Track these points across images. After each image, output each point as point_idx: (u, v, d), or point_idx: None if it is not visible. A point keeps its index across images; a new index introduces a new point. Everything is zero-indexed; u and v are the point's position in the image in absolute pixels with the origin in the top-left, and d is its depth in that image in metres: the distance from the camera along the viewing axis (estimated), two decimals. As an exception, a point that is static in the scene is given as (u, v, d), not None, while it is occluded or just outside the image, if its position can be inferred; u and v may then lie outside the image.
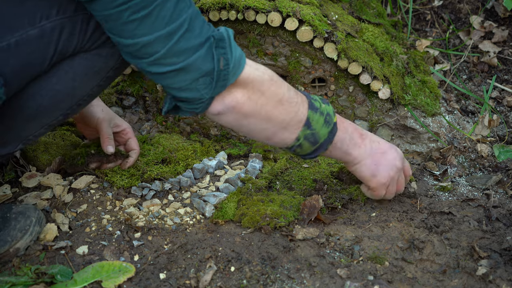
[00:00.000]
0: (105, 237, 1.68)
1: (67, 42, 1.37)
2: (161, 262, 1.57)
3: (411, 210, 1.82)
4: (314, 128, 1.49)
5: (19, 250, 1.58)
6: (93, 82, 1.48)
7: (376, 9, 2.62)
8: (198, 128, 2.34)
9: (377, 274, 1.54)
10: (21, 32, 1.30)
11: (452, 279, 1.53)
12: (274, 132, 1.48)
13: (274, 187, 1.94)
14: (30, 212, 1.64)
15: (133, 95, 2.32)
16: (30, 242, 1.60)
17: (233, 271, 1.54)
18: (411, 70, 2.29)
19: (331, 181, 1.96)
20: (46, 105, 1.44)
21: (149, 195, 1.88)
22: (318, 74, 2.16)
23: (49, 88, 1.42)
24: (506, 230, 1.71)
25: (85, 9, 1.35)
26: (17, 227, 1.58)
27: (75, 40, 1.38)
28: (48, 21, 1.32)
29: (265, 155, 2.15)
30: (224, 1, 2.04)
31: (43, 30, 1.32)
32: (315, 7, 2.18)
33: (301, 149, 1.54)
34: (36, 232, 1.62)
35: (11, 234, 1.57)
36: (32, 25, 1.30)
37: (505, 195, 1.91)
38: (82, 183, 1.88)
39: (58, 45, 1.36)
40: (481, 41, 2.61)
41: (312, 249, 1.63)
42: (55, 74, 1.41)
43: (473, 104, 2.39)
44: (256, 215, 1.71)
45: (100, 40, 1.42)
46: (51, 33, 1.33)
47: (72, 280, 1.48)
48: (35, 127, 1.49)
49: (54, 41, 1.35)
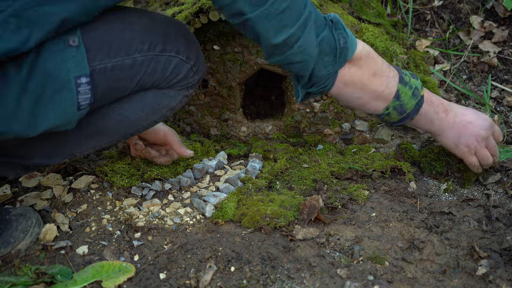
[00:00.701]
0: (105, 237, 1.68)
1: (149, 77, 1.48)
2: (161, 262, 1.57)
3: (411, 210, 1.82)
4: (402, 99, 1.62)
5: (21, 251, 1.58)
6: (154, 117, 1.59)
7: (376, 9, 2.62)
8: (198, 128, 2.34)
9: (377, 274, 1.54)
10: (118, 59, 1.40)
11: (452, 279, 1.53)
12: (368, 101, 1.61)
13: (274, 187, 1.94)
14: (30, 213, 1.65)
15: (133, 95, 2.32)
16: (30, 243, 1.61)
17: (233, 271, 1.54)
18: (411, 70, 2.29)
19: (331, 181, 1.96)
20: (111, 127, 1.53)
21: (149, 195, 1.88)
22: (318, 74, 2.16)
23: (119, 112, 1.51)
24: (506, 230, 1.71)
25: (170, 50, 1.47)
26: (19, 228, 1.59)
27: (156, 77, 1.49)
28: (140, 54, 1.43)
29: (265, 155, 2.15)
30: (224, 1, 2.03)
31: (135, 61, 1.43)
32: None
33: (389, 117, 1.67)
34: (36, 233, 1.63)
35: (13, 235, 1.57)
36: (127, 54, 1.41)
37: (505, 195, 1.91)
38: (82, 183, 1.88)
39: (142, 78, 1.46)
40: (481, 41, 2.61)
41: (312, 249, 1.63)
42: (128, 101, 1.50)
43: (473, 104, 2.39)
44: (256, 215, 1.71)
45: (172, 82, 1.53)
46: (140, 65, 1.44)
47: (72, 280, 1.48)
48: (89, 145, 1.58)
49: (140, 73, 1.45)
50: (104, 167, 1.95)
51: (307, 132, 2.28)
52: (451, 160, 2.00)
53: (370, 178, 2.00)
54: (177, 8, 2.37)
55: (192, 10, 2.10)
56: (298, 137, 2.30)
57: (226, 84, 2.23)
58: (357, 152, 2.18)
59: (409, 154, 2.08)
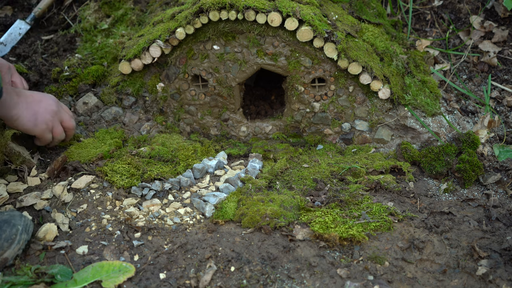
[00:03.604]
0: (105, 237, 1.68)
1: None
2: (161, 262, 1.57)
3: (411, 210, 1.82)
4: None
5: (8, 260, 1.53)
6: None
7: (376, 9, 2.62)
8: (198, 128, 2.34)
9: (377, 274, 1.54)
10: None
11: (452, 279, 1.53)
12: None
13: (274, 187, 1.94)
14: (15, 220, 1.59)
15: (133, 95, 2.32)
16: (19, 250, 1.56)
17: (233, 271, 1.54)
18: (411, 70, 2.29)
19: (331, 181, 1.96)
20: None
21: (149, 195, 1.88)
22: (318, 74, 2.16)
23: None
24: (506, 230, 1.71)
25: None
26: (3, 237, 1.54)
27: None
28: None
29: (265, 155, 2.15)
30: (224, 1, 2.04)
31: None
32: (315, 7, 2.18)
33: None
34: (24, 240, 1.58)
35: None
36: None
37: (505, 195, 1.91)
38: (82, 183, 1.88)
39: None
40: (481, 41, 2.61)
41: (312, 249, 1.63)
42: None
43: (473, 104, 2.39)
44: (256, 215, 1.71)
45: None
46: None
47: (72, 280, 1.48)
48: None
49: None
50: (104, 167, 1.95)
51: (307, 132, 2.28)
52: (451, 160, 2.00)
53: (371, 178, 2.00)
54: (177, 8, 2.37)
55: (192, 10, 2.10)
56: (298, 137, 2.30)
57: (226, 84, 2.23)
58: (357, 152, 2.18)
59: (409, 154, 2.08)
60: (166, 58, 2.24)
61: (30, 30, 2.88)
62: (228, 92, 2.25)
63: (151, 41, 2.17)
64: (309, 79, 2.17)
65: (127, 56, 2.23)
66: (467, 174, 1.96)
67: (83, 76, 2.38)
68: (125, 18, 2.79)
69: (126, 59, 2.23)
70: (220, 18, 2.07)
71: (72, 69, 2.43)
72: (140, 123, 2.34)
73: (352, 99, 2.18)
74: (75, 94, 2.36)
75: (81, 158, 2.03)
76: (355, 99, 2.18)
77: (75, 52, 2.68)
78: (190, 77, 2.26)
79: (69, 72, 2.41)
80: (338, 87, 2.17)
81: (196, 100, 2.29)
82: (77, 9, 2.93)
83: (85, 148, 2.11)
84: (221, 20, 2.09)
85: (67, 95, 2.36)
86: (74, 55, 2.60)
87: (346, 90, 2.17)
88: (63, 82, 2.38)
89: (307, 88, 2.19)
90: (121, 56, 2.28)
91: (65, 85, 2.37)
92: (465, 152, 2.02)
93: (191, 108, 2.31)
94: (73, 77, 2.39)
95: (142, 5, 2.84)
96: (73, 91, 2.36)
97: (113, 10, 2.85)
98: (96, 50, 2.62)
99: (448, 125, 2.17)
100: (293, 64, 2.15)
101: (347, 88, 2.17)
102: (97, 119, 2.32)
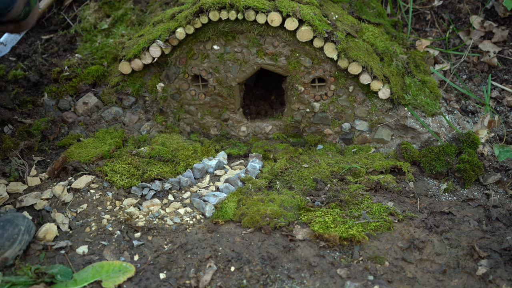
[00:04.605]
0: (105, 237, 1.68)
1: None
2: (161, 262, 1.57)
3: (411, 210, 1.82)
4: None
5: (8, 260, 1.53)
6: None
7: (376, 9, 2.62)
8: (198, 128, 2.34)
9: (377, 274, 1.54)
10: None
11: (452, 279, 1.53)
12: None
13: (274, 187, 1.94)
14: (18, 220, 1.60)
15: (133, 95, 2.32)
16: (19, 251, 1.56)
17: (233, 271, 1.54)
18: (411, 70, 2.29)
19: (331, 181, 1.96)
20: None
21: (149, 195, 1.88)
22: (318, 74, 2.16)
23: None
24: (506, 230, 1.71)
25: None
26: (5, 236, 1.54)
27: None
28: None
29: (265, 155, 2.15)
30: (224, 1, 2.04)
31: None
32: (315, 7, 2.18)
33: None
34: (26, 240, 1.58)
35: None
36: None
37: (505, 195, 1.91)
38: (82, 183, 1.88)
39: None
40: (481, 41, 2.61)
41: (312, 249, 1.63)
42: None
43: (473, 104, 2.39)
44: (256, 215, 1.71)
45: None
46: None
47: (72, 280, 1.48)
48: None
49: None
50: (104, 167, 1.95)
51: (307, 132, 2.28)
52: (451, 160, 2.00)
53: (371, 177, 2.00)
54: (177, 8, 2.37)
55: (192, 10, 2.10)
56: (298, 137, 2.30)
57: (226, 84, 2.23)
58: (357, 152, 2.18)
59: (409, 154, 2.08)
60: (166, 58, 2.24)
61: (30, 30, 2.88)
62: (228, 92, 2.25)
63: (151, 41, 2.17)
64: (309, 79, 2.17)
65: (127, 56, 2.23)
66: (467, 174, 1.96)
67: (83, 76, 2.38)
68: (125, 18, 2.79)
69: (126, 59, 2.23)
70: (220, 18, 2.07)
71: (72, 69, 2.43)
72: (140, 123, 2.34)
73: (352, 99, 2.18)
74: (75, 94, 2.36)
75: (81, 158, 2.03)
76: (355, 99, 2.18)
77: (75, 52, 2.68)
78: (190, 77, 2.26)
79: (69, 72, 2.41)
80: (338, 87, 2.17)
81: (196, 100, 2.29)
82: (77, 9, 2.93)
83: (85, 148, 2.12)
84: (221, 20, 2.09)
85: (67, 95, 2.36)
86: (74, 55, 2.60)
87: (346, 90, 2.17)
88: (63, 82, 2.38)
89: (307, 88, 2.19)
90: (121, 56, 2.28)
91: (65, 85, 2.37)
92: (465, 152, 2.02)
93: (191, 108, 2.31)
94: (73, 77, 2.39)
95: (142, 5, 2.84)
96: (73, 91, 2.36)
97: (113, 10, 2.85)
98: (96, 50, 2.62)
99: (448, 125, 2.17)
100: (293, 64, 2.15)
101: (347, 88, 2.17)
102: (97, 119, 2.32)
